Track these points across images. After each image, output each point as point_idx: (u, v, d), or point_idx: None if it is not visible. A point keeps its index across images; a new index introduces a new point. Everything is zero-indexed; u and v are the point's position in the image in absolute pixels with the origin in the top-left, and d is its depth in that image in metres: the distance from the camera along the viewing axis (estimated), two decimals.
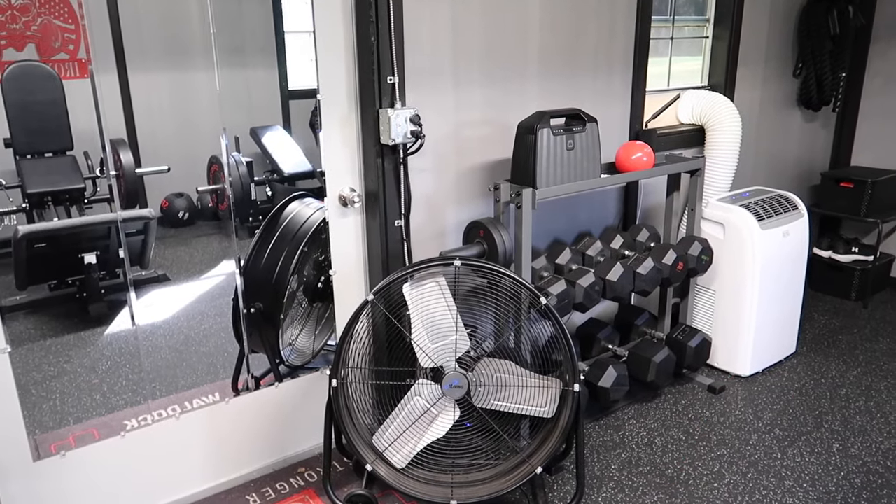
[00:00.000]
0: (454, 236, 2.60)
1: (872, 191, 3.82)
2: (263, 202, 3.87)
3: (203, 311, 3.41)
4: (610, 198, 3.15)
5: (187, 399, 2.58)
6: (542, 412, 2.20)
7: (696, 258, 2.89)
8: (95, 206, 3.37)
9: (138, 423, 2.30)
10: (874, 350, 3.43)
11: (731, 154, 3.21)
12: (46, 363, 2.88)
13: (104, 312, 3.19)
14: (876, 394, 3.00)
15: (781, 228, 3.05)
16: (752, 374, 3.17)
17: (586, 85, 2.88)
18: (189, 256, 4.01)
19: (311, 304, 2.76)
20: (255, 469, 2.49)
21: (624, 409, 2.90)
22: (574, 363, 2.14)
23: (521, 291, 2.15)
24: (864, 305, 3.96)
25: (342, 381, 2.14)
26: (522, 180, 2.39)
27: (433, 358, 2.12)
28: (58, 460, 2.07)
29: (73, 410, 2.62)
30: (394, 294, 2.15)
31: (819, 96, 3.95)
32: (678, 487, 2.38)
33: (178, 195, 4.09)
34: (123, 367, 2.89)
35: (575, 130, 2.42)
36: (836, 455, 2.56)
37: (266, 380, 2.63)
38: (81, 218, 3.24)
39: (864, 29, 4.05)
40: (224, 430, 2.40)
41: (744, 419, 2.82)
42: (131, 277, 2.81)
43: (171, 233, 4.00)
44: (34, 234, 2.89)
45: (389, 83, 2.23)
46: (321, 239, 2.55)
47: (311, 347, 2.78)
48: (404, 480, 2.18)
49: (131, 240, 3.10)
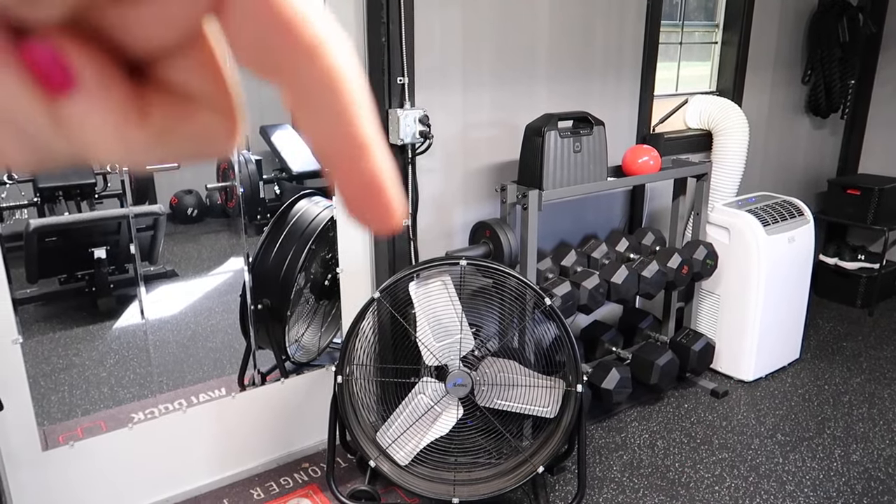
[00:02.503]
0: (461, 236, 2.62)
1: (879, 198, 3.82)
2: (272, 200, 3.90)
3: (210, 307, 3.45)
4: (616, 201, 3.16)
5: (194, 393, 2.61)
6: (545, 412, 2.22)
7: (701, 262, 2.90)
8: (106, 201, 3.41)
9: (145, 416, 2.33)
10: (878, 358, 3.43)
11: (738, 159, 3.22)
12: (56, 355, 2.92)
13: (113, 307, 3.23)
14: (879, 401, 3.00)
15: (787, 234, 3.05)
16: (755, 379, 3.17)
17: (595, 88, 2.89)
18: (197, 253, 4.04)
19: (318, 301, 2.79)
20: (260, 463, 2.51)
21: (626, 412, 2.91)
22: (577, 364, 2.15)
23: (526, 292, 2.17)
24: (870, 313, 3.96)
25: (347, 377, 2.17)
26: (529, 182, 2.41)
27: (438, 356, 2.14)
28: (66, 451, 2.10)
29: (81, 402, 2.65)
30: (400, 292, 2.17)
31: (827, 103, 3.94)
32: (679, 490, 2.39)
33: (187, 192, 4.13)
34: (131, 361, 2.92)
35: (582, 133, 2.43)
36: (838, 461, 2.57)
37: (272, 376, 2.65)
38: (92, 213, 3.28)
39: (873, 37, 4.05)
40: (230, 424, 2.43)
41: (746, 424, 2.83)
42: (141, 272, 2.84)
43: (180, 229, 4.04)
44: (45, 227, 2.92)
45: (399, 84, 2.26)
46: (329, 237, 2.58)
47: (316, 344, 2.81)
48: (407, 477, 2.20)
49: (141, 235, 3.13)
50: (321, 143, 0.19)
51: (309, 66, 0.18)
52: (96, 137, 0.18)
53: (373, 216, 0.20)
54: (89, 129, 0.18)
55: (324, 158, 0.19)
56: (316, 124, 0.19)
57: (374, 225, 0.20)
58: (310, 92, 0.18)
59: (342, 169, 0.19)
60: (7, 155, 0.18)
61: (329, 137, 0.19)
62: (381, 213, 0.20)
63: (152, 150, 0.19)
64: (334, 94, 0.18)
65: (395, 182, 0.20)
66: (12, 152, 0.18)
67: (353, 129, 0.19)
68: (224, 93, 0.19)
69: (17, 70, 0.17)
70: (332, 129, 0.19)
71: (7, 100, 0.17)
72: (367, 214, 0.20)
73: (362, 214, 0.20)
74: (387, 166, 0.20)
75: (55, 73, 0.17)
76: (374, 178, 0.20)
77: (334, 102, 0.18)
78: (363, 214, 0.20)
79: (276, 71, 0.18)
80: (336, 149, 0.19)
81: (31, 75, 0.17)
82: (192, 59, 0.18)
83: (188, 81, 0.19)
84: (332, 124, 0.19)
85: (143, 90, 0.18)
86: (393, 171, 0.20)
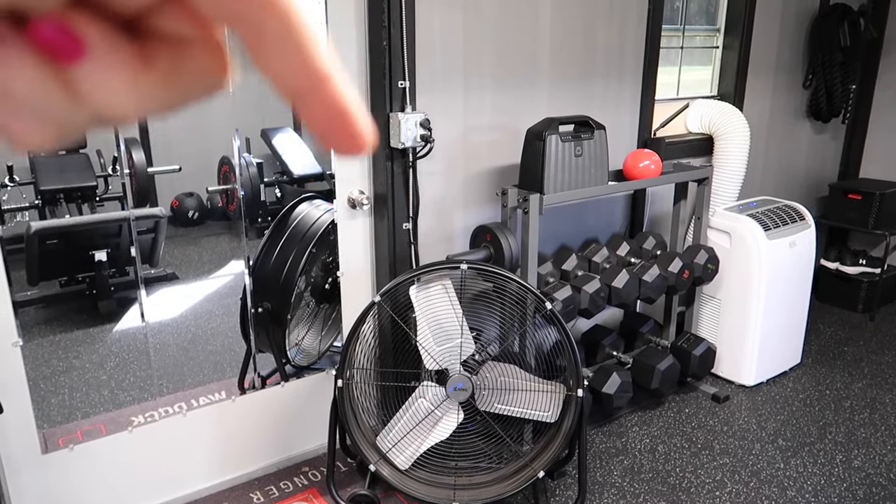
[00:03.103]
0: (461, 240, 2.62)
1: (881, 203, 3.82)
2: (273, 203, 3.90)
3: (211, 310, 3.44)
4: (617, 205, 3.16)
5: (194, 397, 2.60)
6: (546, 417, 2.21)
7: (702, 267, 2.90)
8: (107, 204, 3.41)
9: (145, 420, 2.33)
10: (880, 362, 3.42)
11: (739, 164, 3.22)
12: (56, 358, 2.91)
13: (113, 309, 3.22)
14: (881, 406, 3.00)
15: (788, 239, 3.05)
16: (756, 384, 3.16)
17: (596, 92, 2.89)
18: (198, 256, 4.04)
19: (319, 304, 2.79)
20: (260, 467, 2.51)
21: (627, 416, 2.90)
22: (578, 369, 2.15)
23: (527, 296, 2.17)
24: (871, 318, 3.95)
25: (348, 381, 2.16)
26: (530, 186, 2.41)
27: (438, 360, 2.14)
28: (66, 454, 2.09)
29: (81, 405, 2.65)
30: (400, 296, 2.17)
31: (829, 108, 3.94)
32: (680, 495, 2.39)
33: (188, 195, 4.13)
34: (131, 364, 2.92)
35: (583, 137, 2.43)
36: (839, 466, 2.56)
37: (272, 379, 2.65)
38: (93, 215, 3.28)
39: (875, 42, 4.05)
40: (230, 427, 2.42)
41: (747, 429, 2.82)
42: (142, 275, 2.84)
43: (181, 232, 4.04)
44: (46, 230, 2.92)
45: (400, 87, 2.26)
46: (329, 240, 2.58)
47: (317, 348, 2.80)
48: (407, 482, 2.19)
49: (141, 238, 3.13)
50: (285, 81, 0.21)
51: (266, 10, 0.20)
52: (112, 94, 0.20)
53: (342, 140, 0.22)
54: (104, 88, 0.20)
55: (289, 95, 0.21)
56: (278, 64, 0.21)
57: (344, 149, 0.23)
58: (269, 34, 0.20)
59: (308, 101, 0.22)
60: (30, 139, 0.20)
61: (292, 73, 0.21)
62: (350, 137, 0.22)
63: (162, 95, 0.21)
64: (292, 34, 0.20)
65: (359, 107, 0.22)
66: (35, 134, 0.20)
67: (313, 62, 0.21)
68: (209, 33, 0.22)
69: (30, 53, 0.19)
70: (294, 65, 0.21)
71: (26, 85, 0.19)
72: (336, 140, 0.22)
73: (333, 140, 0.22)
74: (349, 94, 0.22)
75: (67, 45, 0.19)
76: (338, 104, 0.22)
77: (293, 41, 0.20)
78: (334, 140, 0.22)
79: (236, 18, 0.20)
80: (300, 83, 0.21)
81: (43, 54, 0.19)
82: (175, 9, 0.21)
83: (178, 28, 0.21)
84: (293, 61, 0.21)
85: (141, 44, 0.21)
86: (356, 97, 0.22)
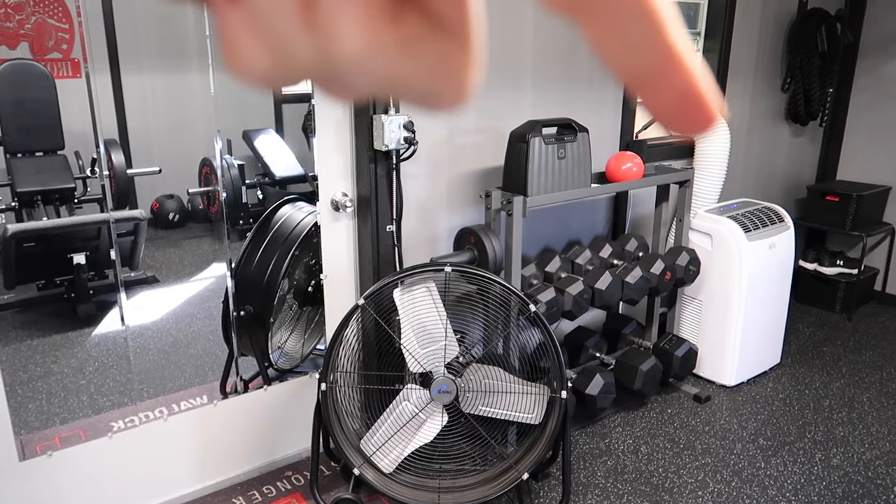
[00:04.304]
0: (445, 242, 2.61)
1: (858, 205, 3.88)
2: (255, 205, 3.87)
3: (192, 314, 3.41)
4: (600, 207, 3.18)
5: (175, 401, 2.57)
6: (530, 419, 2.21)
7: (684, 268, 2.92)
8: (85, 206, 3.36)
9: (125, 425, 2.30)
10: (857, 362, 3.47)
11: (719, 166, 3.25)
12: (33, 363, 2.86)
13: (92, 313, 3.18)
14: (858, 405, 3.04)
15: (768, 240, 3.09)
16: (737, 384, 3.20)
17: (579, 95, 2.91)
18: (179, 258, 4.00)
19: (301, 307, 2.77)
20: (243, 472, 2.48)
21: (610, 417, 2.92)
22: (562, 370, 2.15)
23: (511, 298, 2.17)
24: (849, 318, 4.01)
25: (331, 385, 2.15)
26: (514, 188, 2.41)
27: (422, 363, 2.13)
28: (44, 460, 2.06)
29: (59, 411, 2.60)
30: (384, 299, 2.16)
31: (807, 111, 4.00)
32: (663, 495, 2.40)
33: (168, 197, 4.08)
34: (111, 369, 2.88)
35: (566, 140, 2.44)
36: (819, 465, 2.59)
37: (254, 383, 2.63)
38: (71, 218, 3.23)
39: (851, 46, 4.12)
40: (212, 432, 2.40)
41: (728, 429, 2.85)
42: (121, 278, 2.80)
43: (161, 234, 3.99)
44: (23, 233, 2.87)
45: None
46: (312, 243, 2.56)
47: (300, 351, 2.79)
48: (391, 485, 2.18)
49: (121, 241, 3.08)
50: (634, 66, 0.20)
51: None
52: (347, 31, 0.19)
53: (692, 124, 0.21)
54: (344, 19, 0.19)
55: (636, 80, 0.20)
56: (626, 48, 0.20)
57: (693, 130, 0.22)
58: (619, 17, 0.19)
59: (659, 84, 0.20)
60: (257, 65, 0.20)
61: (643, 57, 0.20)
62: (701, 119, 0.21)
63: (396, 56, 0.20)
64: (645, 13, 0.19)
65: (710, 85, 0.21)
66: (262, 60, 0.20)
67: (669, 42, 0.19)
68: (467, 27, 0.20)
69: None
70: (646, 48, 0.19)
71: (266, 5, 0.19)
72: (686, 124, 0.21)
73: (682, 125, 0.22)
74: (700, 73, 0.21)
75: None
76: (692, 85, 0.20)
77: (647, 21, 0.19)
78: (683, 124, 0.22)
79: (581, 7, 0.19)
80: (652, 66, 0.20)
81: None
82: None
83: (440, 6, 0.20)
84: (646, 43, 0.19)
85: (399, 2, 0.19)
86: (706, 75, 0.21)
